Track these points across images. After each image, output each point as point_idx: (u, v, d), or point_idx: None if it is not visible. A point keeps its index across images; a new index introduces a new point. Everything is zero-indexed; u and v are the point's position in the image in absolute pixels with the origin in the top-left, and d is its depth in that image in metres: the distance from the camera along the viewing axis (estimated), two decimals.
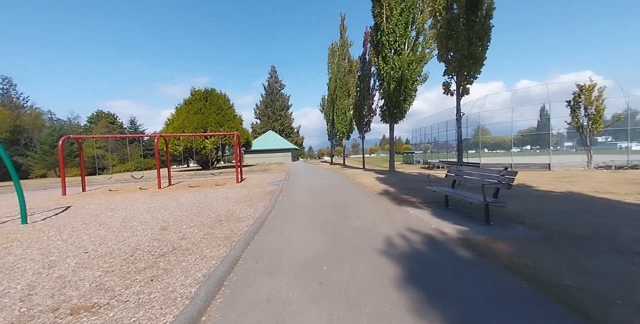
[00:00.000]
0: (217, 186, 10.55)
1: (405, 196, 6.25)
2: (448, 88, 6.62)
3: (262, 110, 55.09)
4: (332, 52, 26.10)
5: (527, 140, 41.25)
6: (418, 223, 4.04)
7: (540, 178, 8.96)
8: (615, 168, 13.78)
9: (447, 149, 24.08)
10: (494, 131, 20.90)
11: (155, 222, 4.77)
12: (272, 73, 56.13)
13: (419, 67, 11.47)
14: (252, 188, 9.60)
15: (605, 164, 14.20)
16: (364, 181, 9.66)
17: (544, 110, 23.82)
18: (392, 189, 7.55)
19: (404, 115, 12.43)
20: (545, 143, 44.25)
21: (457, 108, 6.68)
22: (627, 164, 13.63)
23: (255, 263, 2.78)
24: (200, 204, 6.52)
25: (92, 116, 53.12)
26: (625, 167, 13.43)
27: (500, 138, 37.85)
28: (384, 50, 11.75)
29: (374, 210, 5.09)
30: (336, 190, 8.17)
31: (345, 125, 23.21)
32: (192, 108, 23.83)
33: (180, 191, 9.45)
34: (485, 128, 20.87)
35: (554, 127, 18.22)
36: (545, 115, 23.34)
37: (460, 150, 6.87)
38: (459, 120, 6.71)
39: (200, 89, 25.09)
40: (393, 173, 12.46)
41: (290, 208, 5.75)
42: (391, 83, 11.93)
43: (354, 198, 6.66)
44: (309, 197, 7.05)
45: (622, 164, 14.04)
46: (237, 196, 7.75)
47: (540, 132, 24.74)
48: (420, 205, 5.21)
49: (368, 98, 17.79)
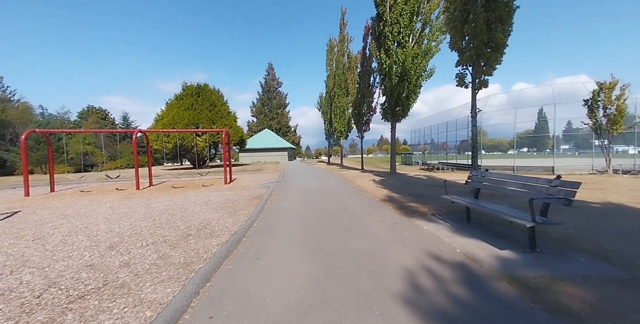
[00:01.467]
0: (202, 188, 9.59)
1: (413, 205, 5.37)
2: (462, 81, 5.76)
3: (259, 108, 53.94)
4: (330, 48, 25.19)
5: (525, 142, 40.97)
6: (437, 244, 3.15)
7: None
8: (623, 172, 13.13)
9: (445, 150, 23.72)
10: (490, 133, 20.46)
11: (107, 237, 3.81)
12: (269, 70, 54.98)
13: (424, 62, 10.61)
14: (240, 190, 8.66)
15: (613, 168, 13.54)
16: (364, 185, 8.77)
17: (542, 113, 23.36)
18: (396, 195, 6.67)
19: (407, 113, 11.57)
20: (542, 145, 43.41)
21: (473, 104, 5.81)
22: (633, 169, 12.95)
23: (209, 320, 1.85)
24: (174, 211, 5.56)
25: (82, 111, 51.54)
26: (632, 172, 12.75)
27: (498, 140, 37.27)
28: (386, 43, 10.86)
29: (378, 224, 4.19)
30: (333, 195, 7.26)
31: (343, 124, 22.32)
32: (184, 103, 22.74)
33: (159, 193, 8.46)
34: (483, 129, 20.41)
35: (550, 130, 17.75)
36: (543, 117, 22.82)
37: (475, 152, 6.00)
38: (474, 117, 5.85)
39: (192, 84, 24.01)
40: (394, 176, 11.59)
41: (277, 218, 4.83)
42: (394, 78, 11.05)
43: (353, 205, 5.76)
44: (301, 203, 6.13)
45: (629, 169, 13.41)
46: (220, 200, 6.80)
47: (538, 134, 24.38)
48: (434, 218, 4.33)
49: (368, 96, 16.90)
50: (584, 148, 28.07)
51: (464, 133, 20.10)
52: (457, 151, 22.74)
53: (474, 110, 5.82)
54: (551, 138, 19.49)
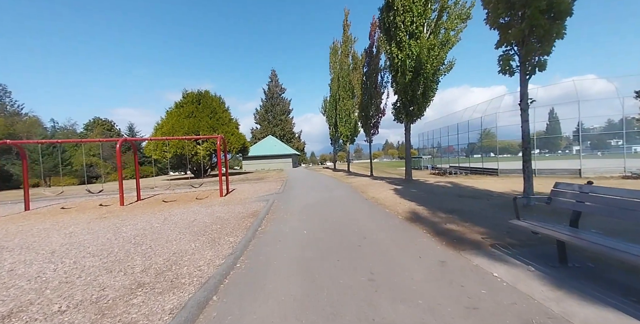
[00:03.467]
0: (194, 202, 8.44)
1: (454, 228, 4.02)
2: (508, 65, 4.47)
3: (262, 115, 53.37)
4: (334, 50, 24.29)
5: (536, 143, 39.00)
6: (542, 318, 1.81)
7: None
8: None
9: (451, 154, 23.41)
10: (499, 135, 19.34)
11: (17, 293, 2.60)
12: (273, 77, 54.62)
13: (442, 53, 9.36)
14: (234, 205, 7.45)
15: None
16: (380, 196, 7.43)
17: (553, 113, 22.28)
18: (424, 210, 5.31)
19: (422, 113, 10.26)
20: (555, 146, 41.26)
21: (522, 93, 4.49)
22: None
23: None
24: (144, 238, 4.36)
25: (88, 123, 51.96)
26: None
27: (508, 142, 35.69)
28: (397, 34, 9.69)
29: (416, 263, 2.87)
30: (344, 211, 5.95)
31: (349, 128, 21.10)
32: (184, 111, 22.00)
33: (141, 210, 7.32)
34: (491, 132, 19.28)
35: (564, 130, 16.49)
36: (554, 117, 21.74)
37: (528, 153, 4.62)
38: (524, 110, 4.51)
39: (192, 91, 23.32)
40: (412, 183, 10.20)
41: (271, 252, 3.55)
42: (407, 74, 9.83)
43: (372, 227, 4.44)
44: (304, 225, 4.84)
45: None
46: (207, 220, 5.59)
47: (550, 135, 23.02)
48: (498, 253, 2.96)
49: (376, 97, 15.72)
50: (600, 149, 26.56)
51: (472, 135, 19.48)
52: (465, 154, 21.68)
53: (524, 100, 4.49)
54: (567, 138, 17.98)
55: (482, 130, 19.42)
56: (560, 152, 43.61)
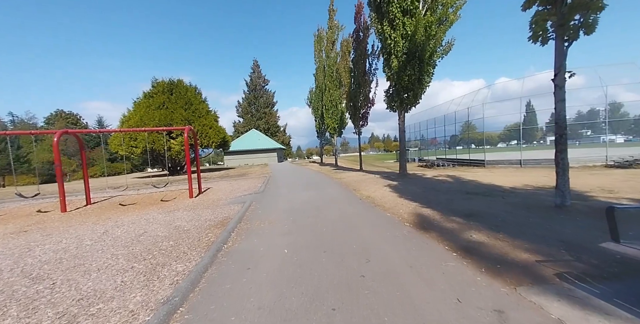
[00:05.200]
0: (156, 206, 7.07)
1: (484, 240, 3.04)
2: (542, 27, 3.44)
3: (245, 108, 50.84)
4: (318, 38, 22.81)
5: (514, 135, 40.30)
6: None
7: (627, 184, 6.05)
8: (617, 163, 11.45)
9: (434, 146, 23.97)
10: (479, 127, 19.80)
11: None
12: (255, 68, 51.87)
13: (440, 32, 8.35)
14: (202, 209, 6.17)
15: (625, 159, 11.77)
16: (376, 195, 6.40)
17: (530, 105, 22.84)
18: (434, 214, 4.33)
19: (418, 100, 9.29)
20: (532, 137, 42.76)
21: (559, 65, 3.51)
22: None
23: None
24: (56, 266, 3.05)
25: (50, 116, 47.22)
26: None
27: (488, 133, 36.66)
28: (390, 11, 8.55)
29: (454, 310, 1.82)
30: (335, 218, 4.86)
31: (336, 119, 19.96)
32: (154, 102, 19.85)
33: (83, 219, 5.87)
34: (472, 124, 19.44)
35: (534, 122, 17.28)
36: (531, 109, 22.23)
37: (564, 141, 3.67)
38: (560, 86, 3.53)
39: (163, 80, 21.08)
40: (408, 178, 9.29)
41: (231, 294, 2.39)
42: (401, 56, 8.76)
43: (375, 243, 3.37)
44: (285, 241, 3.70)
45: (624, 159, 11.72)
46: (160, 232, 4.33)
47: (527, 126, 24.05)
48: (582, 293, 1.96)
49: (364, 86, 14.60)
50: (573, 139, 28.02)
51: (454, 128, 20.14)
52: (448, 146, 22.22)
53: (560, 74, 3.50)
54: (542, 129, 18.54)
55: (464, 122, 19.66)
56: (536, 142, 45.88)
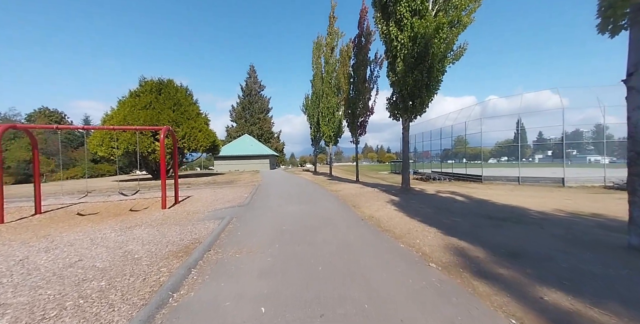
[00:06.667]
0: (116, 219, 5.86)
1: (564, 304, 2.05)
2: (619, 10, 2.63)
3: (239, 113, 49.77)
4: (317, 45, 22.34)
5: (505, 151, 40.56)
6: None
7: None
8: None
9: (427, 159, 24.70)
10: (470, 142, 20.08)
11: None
12: (251, 73, 51.27)
13: (452, 36, 7.68)
14: (170, 226, 5.03)
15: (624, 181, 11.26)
16: (381, 216, 5.38)
17: (520, 122, 23.24)
18: (463, 248, 3.34)
19: (424, 109, 8.51)
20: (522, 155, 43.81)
21: (635, 61, 2.69)
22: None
23: None
24: None
25: (33, 113, 45.00)
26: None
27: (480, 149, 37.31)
28: (398, 10, 7.87)
29: None
30: (333, 245, 3.81)
31: (332, 127, 19.13)
32: (140, 101, 18.67)
33: (15, 235, 4.63)
34: (465, 139, 19.85)
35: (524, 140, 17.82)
36: (522, 126, 22.69)
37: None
38: (637, 89, 2.69)
39: (152, 79, 19.98)
40: (412, 195, 8.32)
41: None
42: (408, 60, 8.02)
43: (392, 294, 2.35)
44: (265, 284, 2.62)
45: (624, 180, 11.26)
46: (99, 262, 3.20)
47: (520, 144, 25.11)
48: None
49: (364, 93, 13.90)
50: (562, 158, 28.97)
51: (444, 142, 20.55)
52: (440, 159, 22.71)
53: (637, 76, 2.66)
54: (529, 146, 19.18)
55: (457, 136, 19.82)
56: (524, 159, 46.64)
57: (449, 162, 22.34)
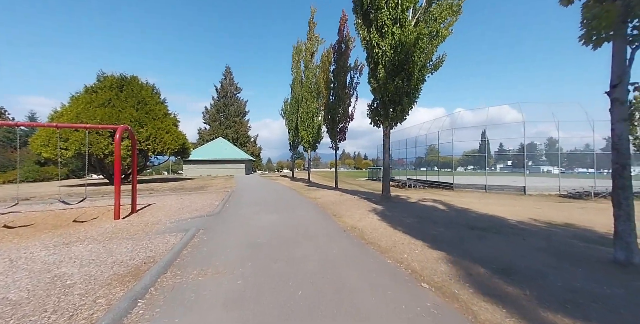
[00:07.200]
0: (59, 230, 4.88)
1: None
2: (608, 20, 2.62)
3: (213, 115, 47.59)
4: (297, 49, 22.16)
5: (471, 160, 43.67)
6: None
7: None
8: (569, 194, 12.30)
9: (401, 166, 25.53)
10: (442, 151, 21.52)
11: None
12: (227, 74, 49.56)
13: (432, 47, 7.85)
14: (121, 241, 4.25)
15: (576, 190, 12.63)
16: (364, 226, 5.09)
17: (484, 134, 25.07)
18: (453, 264, 3.14)
19: (405, 116, 8.55)
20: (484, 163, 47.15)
21: (620, 73, 2.68)
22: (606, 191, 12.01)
23: None
24: None
25: None
26: (604, 194, 11.77)
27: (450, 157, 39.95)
28: (379, 18, 7.90)
29: None
30: (314, 262, 3.41)
31: (311, 132, 18.86)
32: (98, 98, 16.83)
33: None
34: (436, 148, 20.74)
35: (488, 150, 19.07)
36: (485, 138, 24.62)
37: (627, 175, 2.74)
38: (621, 102, 2.67)
39: (113, 75, 18.20)
40: (393, 203, 8.18)
41: None
42: (389, 67, 8.04)
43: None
44: (232, 318, 2.13)
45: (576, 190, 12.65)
46: (14, 293, 2.46)
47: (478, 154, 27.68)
48: None
49: (344, 99, 13.87)
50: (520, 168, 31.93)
51: (418, 150, 21.64)
52: (413, 167, 23.64)
53: (621, 85, 2.70)
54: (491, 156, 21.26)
55: (429, 146, 21.05)
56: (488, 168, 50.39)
57: (422, 170, 23.43)
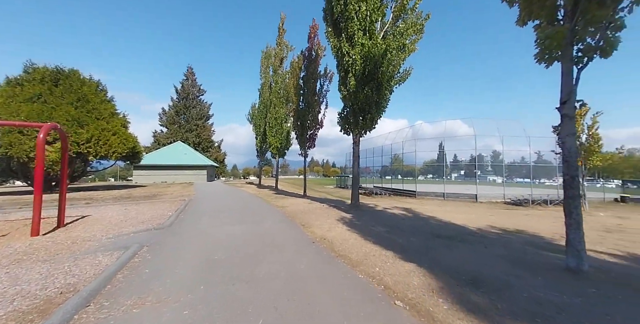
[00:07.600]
0: None
1: None
2: (556, 43, 2.81)
3: (171, 117, 43.97)
4: (266, 54, 21.77)
5: (430, 169, 47.17)
6: None
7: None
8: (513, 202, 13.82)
9: (368, 174, 26.49)
10: (406, 160, 23.13)
11: None
12: (189, 75, 46.53)
13: (399, 59, 8.18)
14: (34, 264, 3.33)
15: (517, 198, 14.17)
16: (333, 236, 4.82)
17: (442, 145, 27.30)
18: (424, 276, 3.02)
19: (374, 125, 8.68)
20: (442, 173, 51.33)
21: (568, 90, 2.89)
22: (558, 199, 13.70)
23: None
24: None
25: None
26: (556, 202, 13.43)
27: (412, 166, 42.72)
28: (350, 27, 8.02)
29: None
30: (280, 281, 3.03)
31: (280, 139, 18.35)
32: (24, 92, 14.29)
33: None
34: (400, 157, 21.88)
35: (445, 160, 21.54)
36: (442, 149, 26.91)
37: (576, 185, 2.84)
38: (570, 117, 2.87)
39: (45, 66, 15.65)
40: (362, 211, 8.09)
41: None
42: (359, 76, 8.16)
43: None
44: None
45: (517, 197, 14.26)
46: None
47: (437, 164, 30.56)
48: None
49: (314, 106, 13.79)
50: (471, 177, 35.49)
51: (384, 159, 22.90)
52: (379, 175, 24.66)
53: (569, 103, 2.94)
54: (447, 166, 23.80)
55: (394, 155, 22.25)
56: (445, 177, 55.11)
57: (387, 178, 24.44)
